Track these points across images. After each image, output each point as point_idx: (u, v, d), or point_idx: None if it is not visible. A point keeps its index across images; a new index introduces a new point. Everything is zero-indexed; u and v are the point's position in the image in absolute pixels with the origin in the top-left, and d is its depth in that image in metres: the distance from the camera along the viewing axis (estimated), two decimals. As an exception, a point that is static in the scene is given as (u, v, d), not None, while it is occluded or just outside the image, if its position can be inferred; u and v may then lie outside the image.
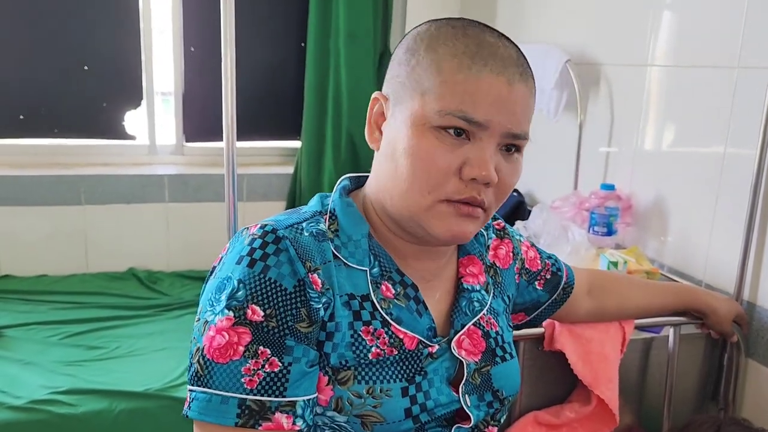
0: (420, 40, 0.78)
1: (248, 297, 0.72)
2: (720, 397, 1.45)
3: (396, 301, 0.81)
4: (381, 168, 0.80)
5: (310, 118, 2.69)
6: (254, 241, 0.75)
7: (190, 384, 0.73)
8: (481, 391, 0.85)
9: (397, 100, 0.78)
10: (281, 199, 2.76)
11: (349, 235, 0.81)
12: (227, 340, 0.71)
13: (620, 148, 1.82)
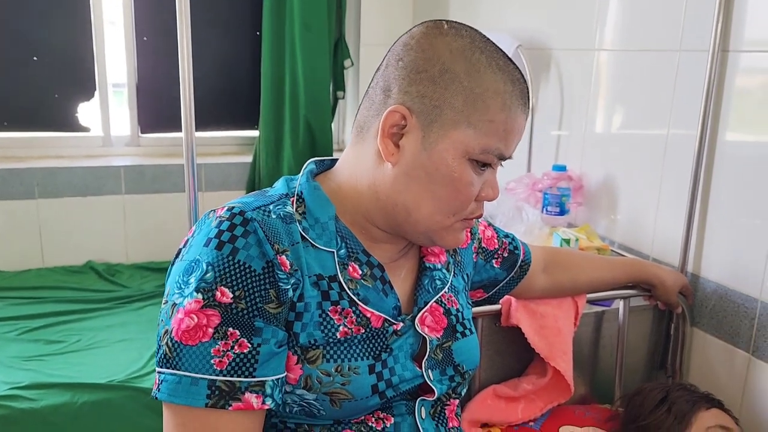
0: (454, 59, 0.77)
1: (217, 279, 0.72)
2: (668, 365, 1.52)
3: (363, 281, 0.83)
4: (393, 181, 0.80)
5: (268, 107, 2.69)
6: (222, 223, 0.75)
7: (159, 366, 0.73)
8: (443, 366, 0.88)
9: (431, 121, 0.77)
10: (240, 188, 2.75)
11: (317, 217, 0.81)
12: (196, 322, 0.71)
13: (571, 131, 1.88)
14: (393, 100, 0.78)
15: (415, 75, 0.77)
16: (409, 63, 0.78)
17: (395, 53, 0.80)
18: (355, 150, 0.84)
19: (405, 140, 0.78)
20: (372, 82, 0.83)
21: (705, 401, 1.19)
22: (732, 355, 1.39)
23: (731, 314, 1.39)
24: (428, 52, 0.77)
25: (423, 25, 0.80)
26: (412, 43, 0.79)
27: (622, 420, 1.26)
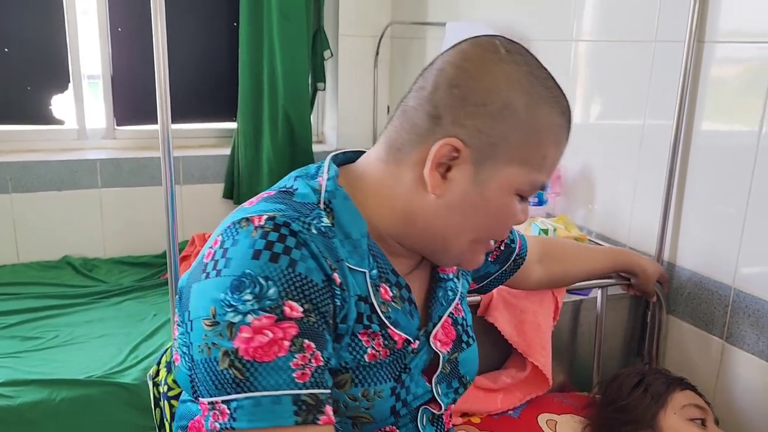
0: (514, 92, 0.72)
1: (282, 294, 0.66)
2: (644, 352, 1.54)
3: (393, 303, 0.79)
4: (435, 212, 0.76)
5: (246, 99, 2.66)
6: (268, 234, 0.68)
7: (224, 394, 0.66)
8: (450, 379, 0.87)
9: (485, 157, 0.73)
10: (219, 180, 2.73)
11: (347, 232, 0.75)
12: (271, 337, 0.65)
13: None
14: (444, 131, 0.72)
15: (472, 108, 0.72)
16: (465, 93, 0.72)
17: (447, 77, 0.73)
18: (389, 169, 0.77)
19: (454, 173, 0.74)
20: (412, 101, 0.76)
21: (680, 383, 1.22)
22: (706, 341, 1.42)
23: (706, 302, 1.41)
24: (486, 82, 0.72)
25: (477, 45, 0.74)
26: (467, 69, 0.72)
27: (599, 405, 1.27)
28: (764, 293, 1.28)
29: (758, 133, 1.27)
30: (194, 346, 0.69)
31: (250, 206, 0.76)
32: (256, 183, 2.71)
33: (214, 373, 0.66)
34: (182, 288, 0.74)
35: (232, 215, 0.75)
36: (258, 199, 0.78)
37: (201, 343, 0.67)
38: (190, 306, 0.71)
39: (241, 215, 0.72)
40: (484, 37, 0.75)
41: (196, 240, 2.46)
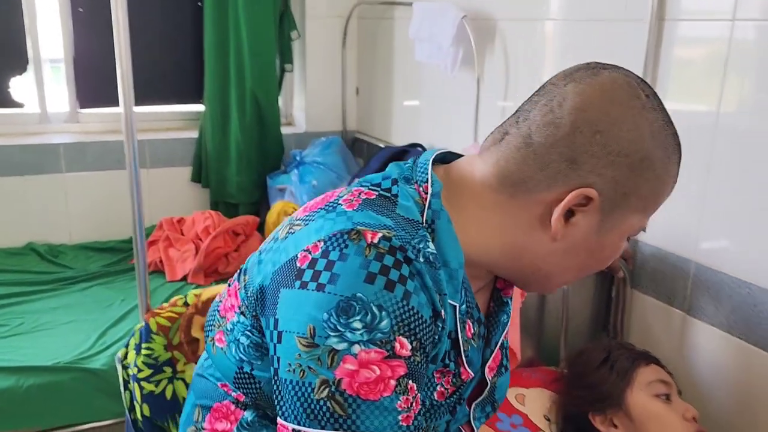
0: (654, 145, 0.68)
1: (394, 328, 0.62)
2: (610, 327, 1.58)
3: (472, 341, 0.76)
4: (548, 253, 0.72)
5: (212, 81, 2.63)
6: (384, 257, 0.63)
7: (318, 427, 0.61)
8: (485, 404, 0.85)
9: (614, 207, 0.69)
10: (186, 164, 2.70)
11: (446, 260, 0.70)
12: (378, 374, 0.61)
13: (516, 101, 1.91)
14: (580, 178, 0.68)
15: (614, 157, 0.67)
16: (610, 142, 0.67)
17: (589, 120, 0.67)
18: (499, 201, 0.71)
19: (578, 218, 0.70)
20: (540, 135, 0.68)
21: (644, 358, 1.25)
22: (669, 314, 1.46)
23: (668, 276, 1.45)
24: (633, 133, 0.67)
25: (619, 86, 0.69)
26: (612, 115, 0.67)
27: (566, 380, 1.30)
28: (723, 266, 1.32)
29: (717, 113, 1.31)
30: (282, 361, 0.64)
31: (352, 210, 0.69)
32: (225, 166, 2.68)
33: (307, 401, 0.61)
34: (265, 286, 0.69)
35: (334, 219, 0.68)
36: (357, 200, 0.71)
37: (293, 363, 0.63)
38: (278, 313, 0.66)
39: (349, 224, 0.66)
40: (620, 74, 0.70)
41: (164, 224, 2.43)
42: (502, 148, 0.72)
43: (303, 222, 0.71)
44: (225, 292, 0.81)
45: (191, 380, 0.88)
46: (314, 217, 0.71)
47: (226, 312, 0.77)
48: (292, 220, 0.74)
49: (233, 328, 0.74)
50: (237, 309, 0.74)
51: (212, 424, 0.79)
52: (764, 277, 1.24)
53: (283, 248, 0.70)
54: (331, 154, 2.71)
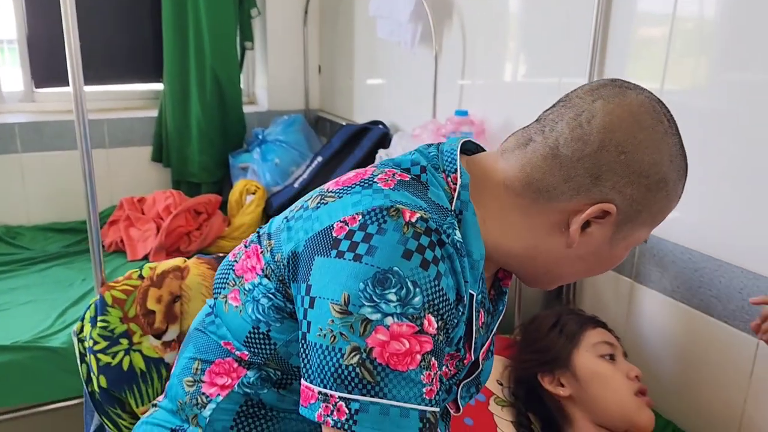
0: (671, 167, 0.73)
1: (425, 305, 0.64)
2: (563, 296, 1.63)
3: (481, 329, 0.80)
4: (561, 258, 0.77)
5: (171, 59, 2.60)
6: (421, 236, 0.66)
7: (345, 391, 0.63)
8: (471, 384, 0.88)
9: (627, 221, 0.74)
10: (146, 143, 2.68)
11: (470, 251, 0.73)
12: (408, 347, 0.63)
13: (473, 78, 1.94)
14: (602, 194, 0.72)
15: (635, 178, 0.71)
16: (633, 163, 0.71)
17: (617, 141, 0.71)
18: (522, 204, 0.75)
19: (593, 229, 0.74)
20: (567, 148, 0.72)
21: (591, 322, 1.30)
22: (617, 281, 1.51)
23: (617, 245, 1.50)
24: (654, 156, 0.72)
25: (646, 111, 0.72)
26: (639, 138, 0.71)
27: (519, 346, 1.35)
28: (667, 235, 1.37)
29: (660, 89, 1.35)
30: (313, 326, 0.66)
31: (388, 188, 0.72)
32: (186, 145, 2.67)
33: (335, 365, 0.63)
34: (298, 253, 0.71)
35: (371, 194, 0.71)
36: (393, 180, 0.74)
37: (325, 328, 0.64)
38: (311, 279, 0.68)
39: (387, 202, 0.69)
40: (645, 96, 0.74)
41: (125, 204, 2.42)
42: (528, 154, 0.75)
43: (336, 194, 0.74)
44: (240, 252, 0.82)
45: (188, 335, 0.90)
46: (350, 191, 0.73)
47: (244, 272, 0.79)
48: (323, 192, 0.76)
49: (253, 289, 0.76)
50: (259, 271, 0.76)
51: (212, 378, 0.81)
52: (705, 243, 1.29)
53: (315, 217, 0.72)
54: (293, 132, 2.71)
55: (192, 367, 0.84)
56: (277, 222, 0.79)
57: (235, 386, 0.78)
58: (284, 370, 0.76)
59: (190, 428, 0.82)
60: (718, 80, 1.25)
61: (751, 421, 1.23)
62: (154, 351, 1.11)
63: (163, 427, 0.85)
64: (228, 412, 0.79)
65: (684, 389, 1.36)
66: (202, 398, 0.80)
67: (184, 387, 0.83)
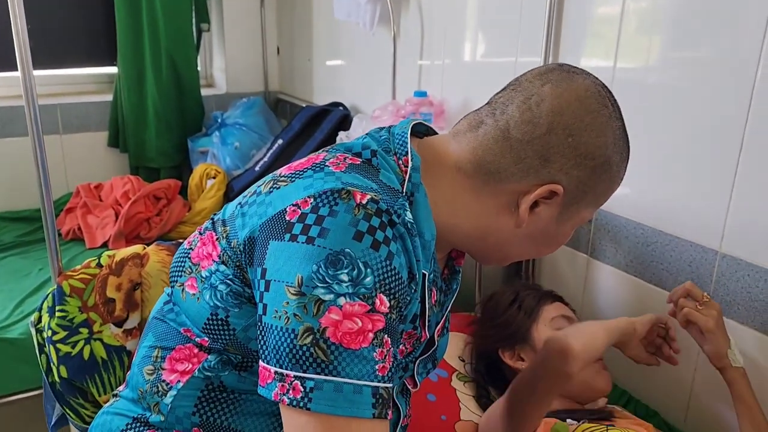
0: (615, 150, 0.76)
1: (377, 285, 0.66)
2: (522, 272, 1.67)
3: (434, 307, 0.83)
4: (510, 236, 0.79)
5: (125, 42, 2.54)
6: (371, 217, 0.67)
7: (300, 370, 0.64)
8: (427, 360, 0.91)
9: (574, 202, 0.77)
10: (102, 128, 2.63)
11: (421, 231, 0.74)
12: (360, 326, 0.64)
13: (432, 58, 1.94)
14: (549, 175, 0.75)
15: (582, 160, 0.75)
16: (580, 145, 0.74)
17: (565, 124, 0.74)
18: (473, 186, 0.78)
19: (541, 209, 0.77)
20: (518, 132, 0.75)
21: (549, 297, 1.33)
22: (574, 257, 1.55)
23: (573, 222, 1.53)
24: (600, 139, 0.75)
25: (592, 96, 0.75)
26: (585, 121, 0.74)
27: (479, 322, 1.38)
28: (621, 211, 1.41)
29: (613, 67, 1.38)
30: (269, 308, 0.67)
31: (339, 171, 0.73)
32: (143, 129, 2.62)
33: (291, 346, 0.64)
34: (253, 237, 0.71)
35: (323, 177, 0.72)
36: (344, 164, 0.75)
37: (280, 309, 0.65)
38: (266, 263, 0.68)
39: (338, 184, 0.70)
40: (591, 81, 0.77)
41: (81, 191, 2.37)
42: (480, 137, 0.77)
43: (289, 179, 0.74)
44: (196, 239, 0.83)
45: (147, 323, 0.90)
46: (302, 175, 0.74)
47: (200, 259, 0.79)
48: (275, 177, 0.77)
49: (210, 276, 0.77)
50: (216, 257, 0.76)
51: (173, 364, 0.81)
52: (656, 218, 1.33)
53: (269, 202, 0.72)
54: (253, 115, 2.69)
55: (152, 355, 0.84)
56: (231, 208, 0.79)
57: (196, 371, 0.79)
58: (244, 354, 0.77)
59: (152, 416, 0.82)
60: (670, 58, 1.28)
61: (700, 387, 1.28)
62: (115, 339, 1.11)
63: (124, 416, 0.85)
64: (189, 398, 0.79)
65: (638, 359, 1.41)
66: (162, 385, 0.81)
67: (145, 375, 0.83)
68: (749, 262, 1.15)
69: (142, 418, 0.83)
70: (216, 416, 0.79)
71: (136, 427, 0.83)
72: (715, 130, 1.18)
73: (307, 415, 0.63)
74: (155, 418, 0.81)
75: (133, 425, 0.83)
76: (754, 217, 1.14)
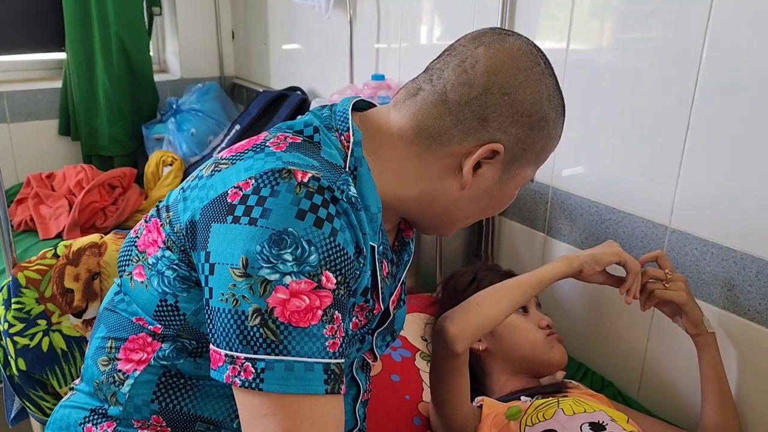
0: (550, 106, 0.79)
1: (322, 262, 0.66)
2: (482, 252, 1.70)
3: (387, 279, 0.83)
4: (456, 199, 0.81)
5: (73, 27, 2.47)
6: (313, 195, 0.67)
7: (251, 352, 0.64)
8: (385, 333, 0.92)
9: (514, 160, 0.79)
10: (52, 117, 2.56)
11: (367, 204, 0.75)
12: (308, 303, 0.65)
13: (389, 41, 1.95)
14: (489, 135, 0.77)
15: (519, 117, 0.76)
16: (515, 103, 0.76)
17: (500, 83, 0.76)
18: (415, 151, 0.79)
19: (484, 170, 0.79)
20: (455, 94, 0.76)
21: (506, 276, 1.36)
22: (532, 236, 1.58)
23: (530, 201, 1.57)
24: (535, 95, 0.77)
25: (524, 55, 0.77)
26: (520, 79, 0.76)
27: (439, 303, 1.40)
28: (575, 189, 1.44)
29: (565, 49, 1.40)
30: (215, 292, 0.66)
31: (280, 151, 0.73)
32: (94, 117, 2.56)
33: (240, 328, 0.64)
34: (195, 221, 0.71)
35: (263, 158, 0.71)
36: (284, 143, 0.75)
37: (226, 292, 0.65)
38: (209, 246, 0.68)
39: (279, 164, 0.69)
40: (523, 42, 0.79)
41: (32, 181, 2.31)
42: (419, 103, 0.79)
43: (230, 161, 0.74)
44: (141, 228, 0.82)
45: (98, 315, 0.89)
46: (242, 157, 0.73)
47: (146, 247, 0.79)
48: (216, 160, 0.76)
49: (156, 262, 0.76)
50: (161, 244, 0.76)
51: (127, 354, 0.81)
52: (609, 196, 1.37)
53: (210, 185, 0.72)
54: (208, 100, 2.65)
55: (105, 346, 0.83)
56: (174, 194, 0.79)
57: (152, 360, 0.79)
58: (198, 339, 0.77)
59: (110, 408, 0.81)
60: (621, 39, 1.31)
61: (652, 356, 1.33)
62: (74, 330, 1.09)
63: (82, 408, 0.84)
64: (147, 386, 0.79)
65: (594, 334, 1.46)
66: (118, 375, 0.80)
67: (99, 367, 0.82)
68: (696, 236, 1.20)
69: (99, 409, 0.82)
70: (175, 402, 0.79)
71: (94, 420, 0.82)
72: (664, 110, 1.22)
73: (260, 396, 0.64)
74: (114, 409, 0.81)
75: (91, 417, 0.82)
76: (700, 193, 1.18)
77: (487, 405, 1.10)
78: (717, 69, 1.12)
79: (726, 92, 1.11)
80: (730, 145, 1.12)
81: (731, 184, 1.13)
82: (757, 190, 1.09)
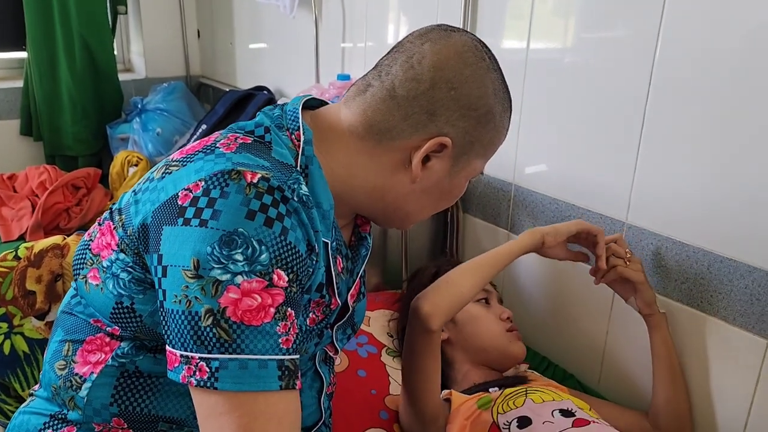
0: (496, 100, 0.81)
1: (273, 261, 0.66)
2: (447, 249, 1.72)
3: (342, 275, 0.84)
4: (407, 193, 0.83)
5: (34, 25, 2.43)
6: (263, 195, 0.68)
7: (205, 351, 0.64)
8: (345, 326, 0.93)
9: (462, 153, 0.81)
10: (13, 116, 2.52)
11: (319, 202, 0.77)
12: (260, 302, 0.66)
13: (354, 41, 1.96)
14: (437, 128, 0.78)
15: (465, 111, 0.78)
16: (462, 97, 0.78)
17: (446, 78, 0.78)
18: (365, 147, 0.80)
19: (433, 163, 0.81)
20: (403, 89, 0.78)
21: (469, 271, 1.38)
22: (495, 233, 1.61)
23: (493, 199, 1.60)
24: (481, 90, 0.79)
25: (469, 50, 0.79)
26: (465, 74, 0.78)
27: (404, 299, 1.42)
28: (537, 187, 1.48)
29: (526, 49, 1.43)
30: (168, 294, 0.67)
31: (230, 152, 0.73)
32: (57, 116, 2.52)
33: (194, 329, 0.65)
34: (147, 224, 0.71)
35: (213, 160, 0.72)
36: (234, 144, 0.76)
37: (179, 294, 0.66)
38: (161, 249, 0.68)
39: (229, 165, 0.70)
40: (468, 37, 0.81)
41: (-6, 182, 2.27)
42: (368, 99, 0.80)
43: (180, 163, 0.74)
44: (95, 231, 0.82)
45: (56, 319, 0.88)
46: (193, 159, 0.74)
47: (100, 249, 0.78)
48: (168, 162, 0.77)
49: (111, 265, 0.76)
50: (115, 246, 0.76)
51: (85, 356, 0.80)
52: (569, 193, 1.40)
53: (161, 187, 0.72)
54: (174, 100, 2.63)
55: (62, 350, 0.82)
56: (126, 196, 0.79)
57: (109, 359, 0.78)
58: (156, 339, 0.78)
59: (70, 413, 0.81)
60: (581, 38, 1.34)
61: (612, 349, 1.37)
62: (37, 332, 1.09)
63: (41, 414, 0.83)
64: (105, 388, 0.78)
65: (555, 327, 1.49)
66: (75, 379, 0.80)
67: (56, 371, 0.82)
68: (652, 231, 1.24)
69: (59, 415, 0.82)
70: (135, 404, 0.79)
71: (53, 425, 0.81)
72: (620, 109, 1.26)
73: (216, 395, 0.64)
74: (73, 414, 0.80)
75: (51, 423, 0.82)
76: (655, 190, 1.22)
77: (455, 397, 1.13)
78: (669, 68, 1.16)
79: (678, 91, 1.15)
80: (683, 142, 1.16)
81: (684, 180, 1.17)
82: (709, 187, 1.13)
